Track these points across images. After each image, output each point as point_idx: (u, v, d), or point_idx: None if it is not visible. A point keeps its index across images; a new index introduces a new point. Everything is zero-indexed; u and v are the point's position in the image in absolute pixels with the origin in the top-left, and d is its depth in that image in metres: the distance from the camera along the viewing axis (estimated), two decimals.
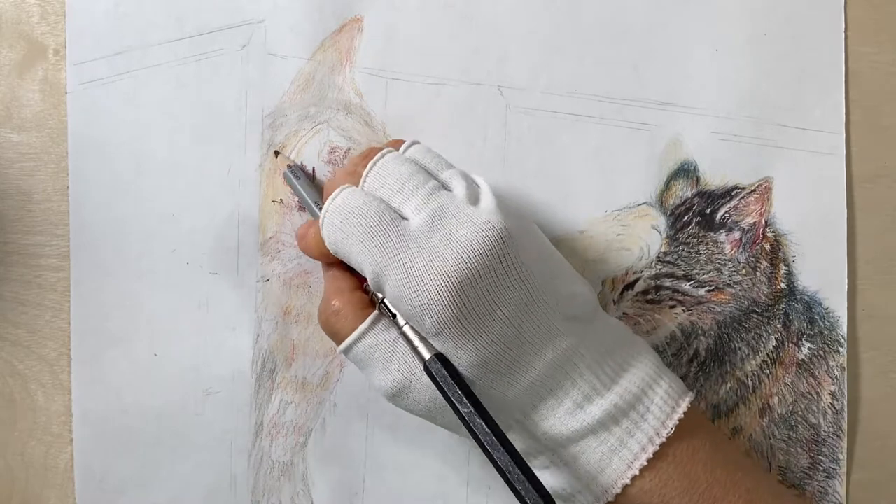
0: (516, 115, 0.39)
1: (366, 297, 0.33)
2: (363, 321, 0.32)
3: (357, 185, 0.32)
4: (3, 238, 0.40)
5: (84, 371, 0.40)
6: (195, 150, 0.39)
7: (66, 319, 0.40)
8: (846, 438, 0.39)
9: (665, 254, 0.39)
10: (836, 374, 0.39)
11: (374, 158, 0.32)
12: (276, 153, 0.39)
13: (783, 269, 0.39)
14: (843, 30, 0.38)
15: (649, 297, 0.39)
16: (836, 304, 0.39)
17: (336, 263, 0.34)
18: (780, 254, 0.39)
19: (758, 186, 0.39)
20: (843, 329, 0.39)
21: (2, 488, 0.40)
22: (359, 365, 0.33)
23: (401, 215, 0.31)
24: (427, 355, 0.30)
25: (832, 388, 0.39)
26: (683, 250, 0.39)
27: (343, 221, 0.31)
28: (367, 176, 0.32)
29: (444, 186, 0.32)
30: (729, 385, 0.39)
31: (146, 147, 0.39)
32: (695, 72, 0.39)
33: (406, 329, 0.31)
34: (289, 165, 0.38)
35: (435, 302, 0.29)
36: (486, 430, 0.28)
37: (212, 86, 0.39)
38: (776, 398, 0.39)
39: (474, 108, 0.39)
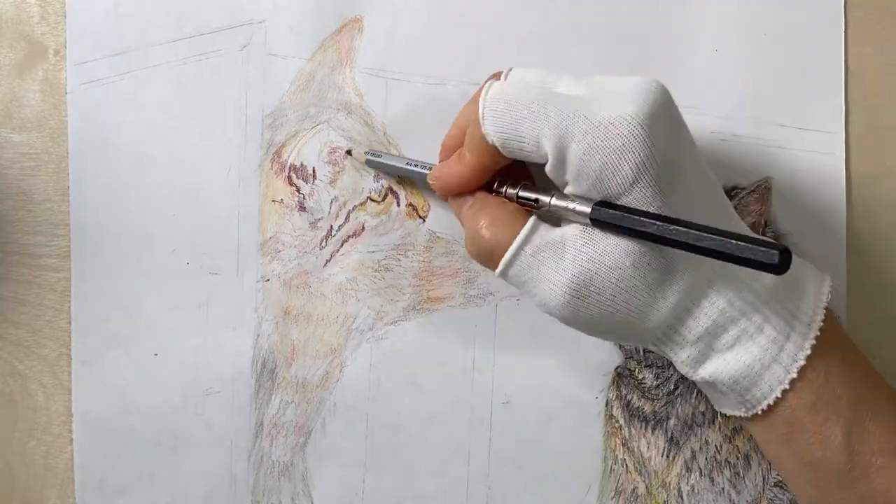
0: None
1: (518, 207, 0.32)
2: (522, 226, 0.31)
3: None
4: (3, 238, 0.40)
5: (84, 371, 0.40)
6: (195, 150, 0.39)
7: (66, 319, 0.40)
8: None
9: None
10: None
11: (503, 72, 0.33)
12: (349, 152, 0.39)
13: None
14: (843, 30, 0.38)
15: None
16: (836, 304, 0.39)
17: (473, 192, 0.34)
18: None
19: (757, 186, 0.39)
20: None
21: (2, 488, 0.40)
22: (523, 277, 0.31)
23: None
24: (589, 208, 0.29)
25: None
26: None
27: (508, 101, 0.30)
28: (506, 76, 0.32)
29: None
30: None
31: (146, 147, 0.39)
32: (695, 72, 0.39)
33: (563, 197, 0.31)
34: (366, 152, 0.38)
35: (630, 141, 0.28)
36: (685, 230, 0.27)
37: (212, 86, 0.39)
38: None
39: None
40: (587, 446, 0.39)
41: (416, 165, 0.36)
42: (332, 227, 0.39)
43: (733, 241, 0.27)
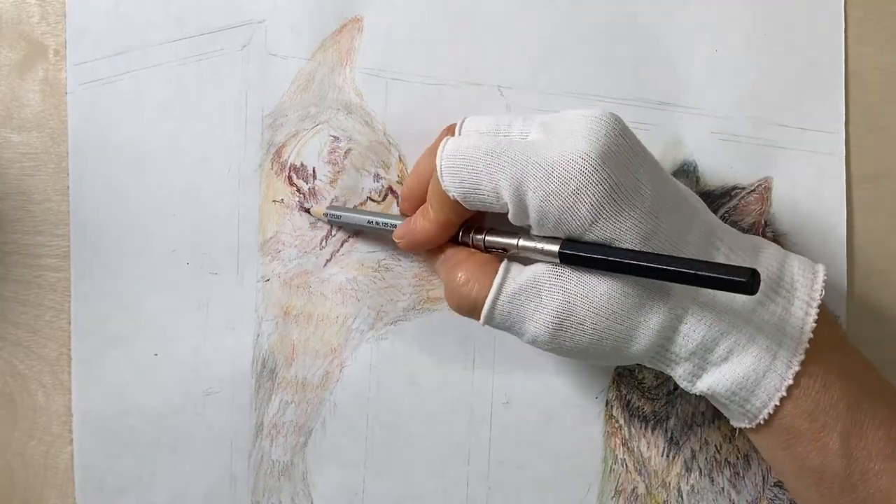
0: None
1: (487, 254, 0.33)
2: (495, 275, 0.32)
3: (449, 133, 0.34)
4: (3, 238, 0.40)
5: (84, 371, 0.40)
6: (195, 150, 0.39)
7: (66, 319, 0.40)
8: None
9: None
10: None
11: (458, 123, 0.34)
12: (307, 210, 0.39)
13: None
14: (843, 30, 0.38)
15: None
16: (836, 304, 0.39)
17: (443, 246, 0.35)
18: None
19: (757, 186, 0.39)
20: (843, 329, 0.39)
21: (2, 488, 0.40)
22: (507, 321, 0.32)
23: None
24: (556, 247, 0.30)
25: None
26: None
27: (464, 157, 0.31)
28: (460, 129, 0.33)
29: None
30: None
31: (146, 147, 0.39)
32: (695, 72, 0.39)
33: (530, 238, 0.31)
34: (326, 211, 0.38)
35: (584, 183, 0.29)
36: (656, 259, 0.28)
37: (212, 86, 0.39)
38: None
39: (474, 109, 0.39)
40: (587, 446, 0.39)
41: (377, 223, 0.37)
42: (332, 227, 0.39)
43: (700, 269, 0.27)
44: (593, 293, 0.30)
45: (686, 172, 0.39)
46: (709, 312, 0.31)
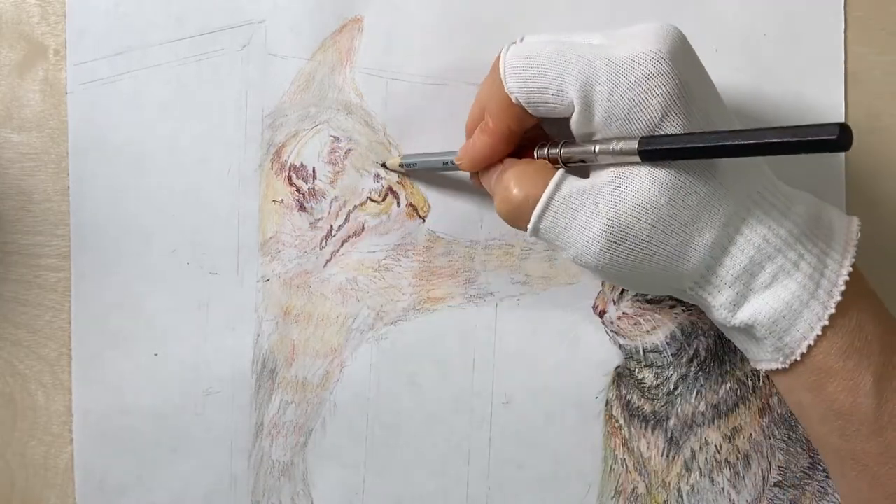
0: None
1: (545, 162, 0.32)
2: (548, 182, 0.31)
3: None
4: (3, 238, 0.40)
5: (84, 371, 0.40)
6: (195, 150, 0.39)
7: (67, 319, 0.40)
8: None
9: None
10: None
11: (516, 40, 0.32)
12: (384, 165, 0.39)
13: None
14: (843, 30, 0.38)
15: (649, 296, 0.39)
16: None
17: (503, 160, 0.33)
18: None
19: None
20: None
21: (2, 488, 0.40)
22: (556, 230, 0.31)
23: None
24: (634, 143, 0.29)
25: None
26: None
27: (529, 56, 0.30)
28: (521, 41, 0.32)
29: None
30: (729, 385, 0.39)
31: (146, 147, 0.39)
32: None
33: (607, 141, 0.30)
34: (402, 161, 0.38)
35: (654, 74, 0.28)
36: (733, 135, 0.27)
37: (212, 86, 0.39)
38: (776, 398, 0.39)
39: None
40: (587, 446, 0.39)
41: (451, 163, 0.36)
42: (332, 227, 0.39)
43: (791, 130, 0.26)
44: (653, 203, 0.29)
45: None
46: (760, 231, 0.30)
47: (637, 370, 0.39)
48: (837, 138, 0.24)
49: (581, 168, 0.32)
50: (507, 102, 0.31)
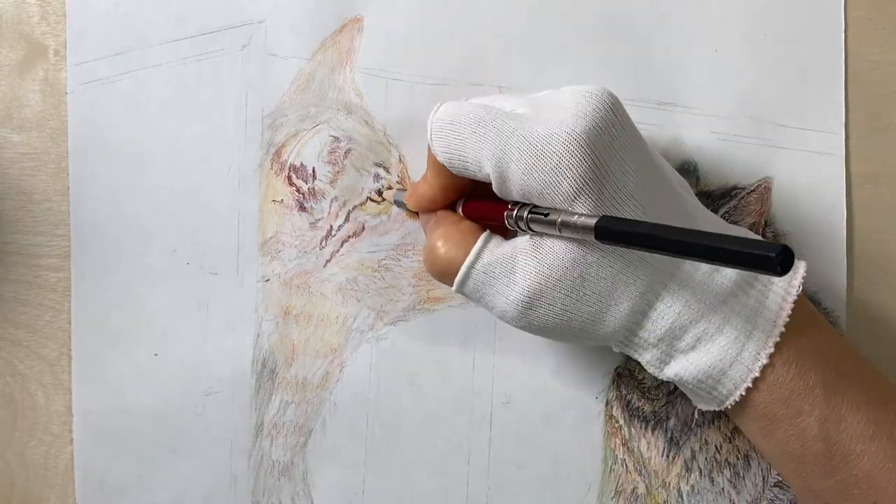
0: None
1: (472, 224, 0.33)
2: (473, 245, 0.32)
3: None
4: (3, 238, 0.40)
5: (84, 371, 0.40)
6: (195, 150, 0.39)
7: (67, 319, 0.40)
8: None
9: None
10: None
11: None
12: (388, 188, 0.39)
13: None
14: (843, 30, 0.38)
15: None
16: (836, 304, 0.39)
17: (440, 210, 0.34)
18: None
19: (757, 187, 0.39)
20: (843, 329, 0.39)
21: (2, 488, 0.40)
22: (478, 293, 0.32)
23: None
24: (593, 221, 0.28)
25: None
26: None
27: (452, 122, 0.31)
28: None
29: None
30: None
31: (146, 147, 0.39)
32: (695, 72, 0.39)
33: (558, 214, 0.29)
34: (397, 191, 0.39)
35: (566, 157, 0.28)
36: (688, 233, 0.26)
37: (212, 86, 0.39)
38: None
39: None
40: (587, 446, 0.39)
41: (399, 201, 0.37)
42: (332, 227, 0.39)
43: (727, 244, 0.26)
44: (566, 275, 0.30)
45: (686, 172, 0.39)
46: (680, 298, 0.30)
47: (637, 370, 0.39)
48: (774, 258, 0.24)
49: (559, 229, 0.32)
50: (436, 160, 0.32)
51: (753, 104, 0.39)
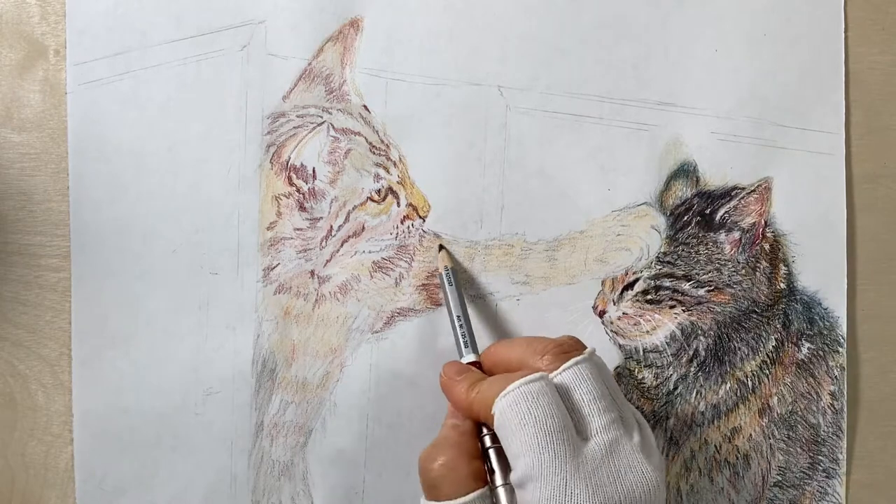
0: (516, 115, 0.39)
1: (481, 468, 0.31)
2: (469, 492, 0.30)
3: (547, 370, 0.31)
4: (3, 238, 0.40)
5: (84, 371, 0.40)
6: (195, 150, 0.39)
7: (67, 319, 0.40)
8: (846, 438, 0.39)
9: (665, 254, 0.39)
10: (836, 374, 0.39)
11: (576, 360, 0.31)
12: (441, 247, 0.39)
13: (783, 270, 0.39)
14: (843, 30, 0.38)
15: (649, 297, 0.39)
16: (836, 304, 0.39)
17: (470, 420, 0.33)
18: (780, 254, 0.39)
19: (757, 187, 0.39)
20: (843, 329, 0.39)
21: (2, 488, 0.40)
22: None
23: (577, 428, 0.30)
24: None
25: (832, 388, 0.39)
26: (683, 250, 0.39)
27: (527, 410, 0.29)
28: (563, 371, 0.31)
29: (622, 417, 0.31)
30: (729, 385, 0.39)
31: (146, 147, 0.39)
32: (695, 72, 0.39)
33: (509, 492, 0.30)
34: (447, 266, 0.38)
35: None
36: None
37: (212, 86, 0.39)
38: (776, 398, 0.39)
39: (474, 108, 0.39)
40: None
41: (457, 327, 0.36)
42: (332, 227, 0.39)
43: None
44: None
45: (686, 172, 0.39)
46: None
47: (637, 370, 0.39)
48: None
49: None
50: (482, 414, 0.31)
51: (753, 104, 0.39)
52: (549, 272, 0.39)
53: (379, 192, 0.39)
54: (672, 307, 0.39)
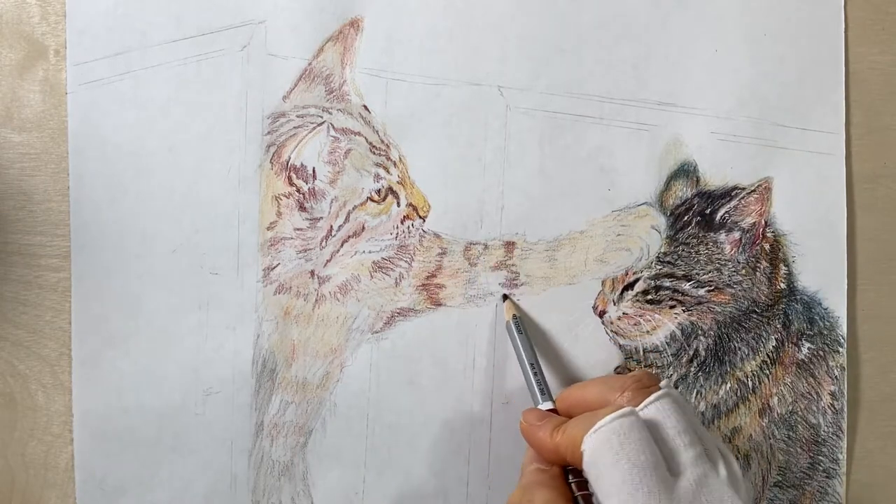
0: (516, 115, 0.39)
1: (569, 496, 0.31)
2: None
3: (634, 404, 0.30)
4: (3, 238, 0.40)
5: (84, 371, 0.40)
6: (195, 150, 0.39)
7: (67, 319, 0.40)
8: (846, 438, 0.39)
9: (665, 254, 0.39)
10: (836, 374, 0.39)
11: (658, 395, 0.31)
12: (505, 297, 0.39)
13: (783, 270, 0.39)
14: (843, 30, 0.38)
15: (649, 297, 0.39)
16: (836, 304, 0.39)
17: (556, 466, 0.32)
18: (780, 254, 0.39)
19: (757, 187, 0.39)
20: (843, 329, 0.39)
21: (2, 488, 0.40)
22: None
23: (668, 462, 0.29)
24: None
25: (832, 388, 0.39)
26: (683, 250, 0.39)
27: (620, 446, 0.29)
28: (648, 405, 0.30)
29: (706, 449, 0.30)
30: (729, 385, 0.39)
31: (146, 147, 0.39)
32: (695, 72, 0.39)
33: None
34: (514, 315, 0.38)
35: None
36: None
37: (212, 86, 0.39)
38: (776, 398, 0.39)
39: (474, 108, 0.39)
40: None
41: (532, 379, 0.36)
42: (332, 227, 0.39)
43: None
44: None
45: (686, 172, 0.39)
46: None
47: (637, 370, 0.39)
48: None
49: None
50: (571, 458, 0.31)
51: (753, 104, 0.39)
52: (549, 272, 0.39)
53: (379, 192, 0.39)
54: (672, 307, 0.39)
